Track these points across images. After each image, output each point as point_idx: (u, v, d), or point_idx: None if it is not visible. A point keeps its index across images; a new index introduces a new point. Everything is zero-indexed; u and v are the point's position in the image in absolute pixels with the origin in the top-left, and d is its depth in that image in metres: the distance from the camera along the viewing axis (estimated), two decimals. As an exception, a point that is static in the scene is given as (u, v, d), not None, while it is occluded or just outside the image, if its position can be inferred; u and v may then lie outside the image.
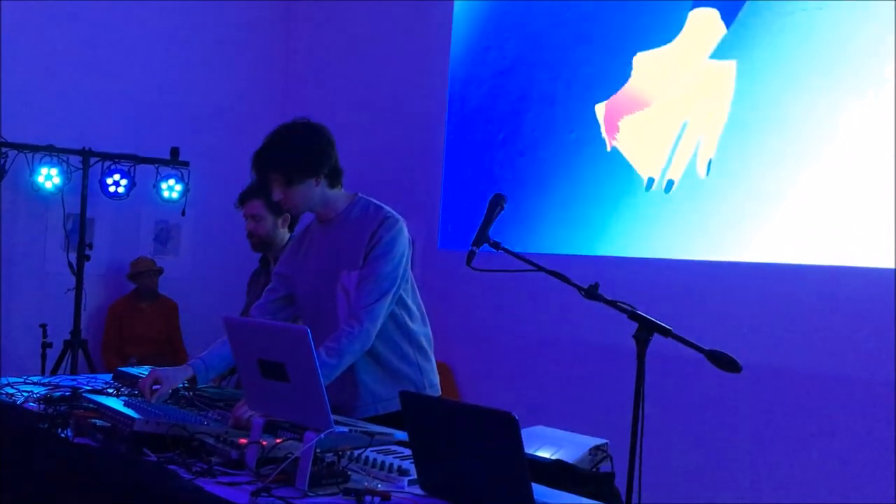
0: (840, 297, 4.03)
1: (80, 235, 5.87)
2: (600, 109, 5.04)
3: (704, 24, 4.65)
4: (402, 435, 2.41)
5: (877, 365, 3.87)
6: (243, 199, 3.91)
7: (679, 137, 4.71)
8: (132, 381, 3.18)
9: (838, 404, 4.01)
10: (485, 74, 5.75)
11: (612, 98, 5.00)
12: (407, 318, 2.96)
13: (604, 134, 5.02)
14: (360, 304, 2.79)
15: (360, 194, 3.00)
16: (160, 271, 6.38)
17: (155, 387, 2.76)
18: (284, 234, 3.91)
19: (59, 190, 5.86)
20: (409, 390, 2.74)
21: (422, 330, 3.02)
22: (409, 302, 2.97)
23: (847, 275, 3.99)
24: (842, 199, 4.05)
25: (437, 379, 3.07)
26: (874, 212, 3.93)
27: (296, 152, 2.83)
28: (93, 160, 5.94)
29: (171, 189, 6.21)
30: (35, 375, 3.52)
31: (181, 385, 3.07)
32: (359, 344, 2.76)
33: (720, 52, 4.57)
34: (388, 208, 2.94)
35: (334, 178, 2.91)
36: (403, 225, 2.89)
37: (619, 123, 4.97)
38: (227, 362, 2.94)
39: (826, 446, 4.04)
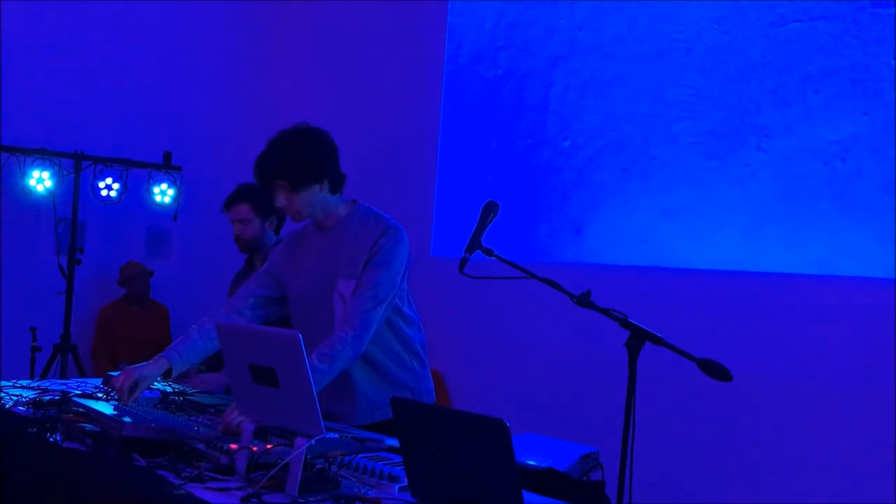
0: (839, 307, 4.03)
1: (71, 239, 5.86)
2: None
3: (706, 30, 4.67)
4: (393, 441, 2.40)
5: (875, 375, 3.87)
6: (229, 204, 3.94)
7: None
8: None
9: (835, 415, 4.01)
10: (479, 81, 5.75)
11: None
12: (403, 325, 2.96)
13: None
14: (355, 311, 2.78)
15: (358, 202, 2.99)
16: (151, 274, 6.36)
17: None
18: (271, 236, 3.96)
19: (51, 193, 5.84)
20: (406, 396, 2.74)
21: (417, 336, 3.03)
22: (405, 309, 2.97)
23: (845, 285, 4.00)
24: (839, 208, 4.05)
25: (432, 385, 3.07)
26: (872, 221, 3.93)
27: (301, 158, 2.80)
28: (85, 164, 5.93)
29: (163, 193, 6.19)
30: (24, 379, 3.50)
31: (170, 389, 3.07)
32: (351, 350, 2.75)
33: (716, 62, 4.58)
34: (389, 217, 2.93)
35: (336, 184, 2.90)
36: (405, 235, 2.89)
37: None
38: (201, 354, 2.93)
39: (821, 456, 4.04)
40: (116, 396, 2.80)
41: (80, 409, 2.64)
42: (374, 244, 2.83)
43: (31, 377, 5.34)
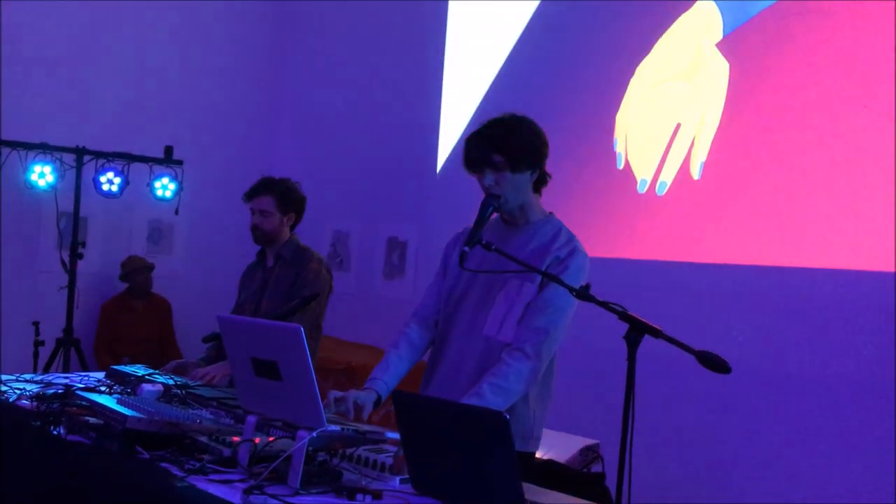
0: (837, 300, 4.03)
1: (73, 234, 5.86)
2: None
3: (704, 18, 4.67)
4: (394, 434, 2.42)
5: (875, 369, 3.87)
6: (252, 194, 3.96)
7: (672, 139, 4.73)
8: (125, 378, 3.19)
9: (835, 408, 4.02)
10: (479, 75, 5.75)
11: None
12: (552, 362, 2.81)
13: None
14: (529, 336, 2.65)
15: (555, 215, 2.89)
16: (151, 267, 6.38)
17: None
18: (287, 232, 3.96)
19: (53, 188, 5.84)
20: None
21: (552, 380, 2.87)
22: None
23: (844, 278, 4.00)
24: (838, 201, 4.06)
25: (541, 433, 2.83)
26: (872, 214, 3.93)
27: (527, 138, 2.75)
28: (86, 158, 5.93)
29: (164, 188, 6.20)
30: (27, 373, 3.52)
31: (172, 381, 3.09)
32: (525, 386, 2.63)
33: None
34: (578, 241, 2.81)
35: (540, 182, 2.84)
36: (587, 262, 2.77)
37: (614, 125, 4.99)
38: (402, 376, 2.82)
39: (820, 449, 4.06)
40: (119, 389, 2.81)
41: (84, 403, 2.66)
42: (559, 260, 2.71)
43: (35, 371, 5.36)
